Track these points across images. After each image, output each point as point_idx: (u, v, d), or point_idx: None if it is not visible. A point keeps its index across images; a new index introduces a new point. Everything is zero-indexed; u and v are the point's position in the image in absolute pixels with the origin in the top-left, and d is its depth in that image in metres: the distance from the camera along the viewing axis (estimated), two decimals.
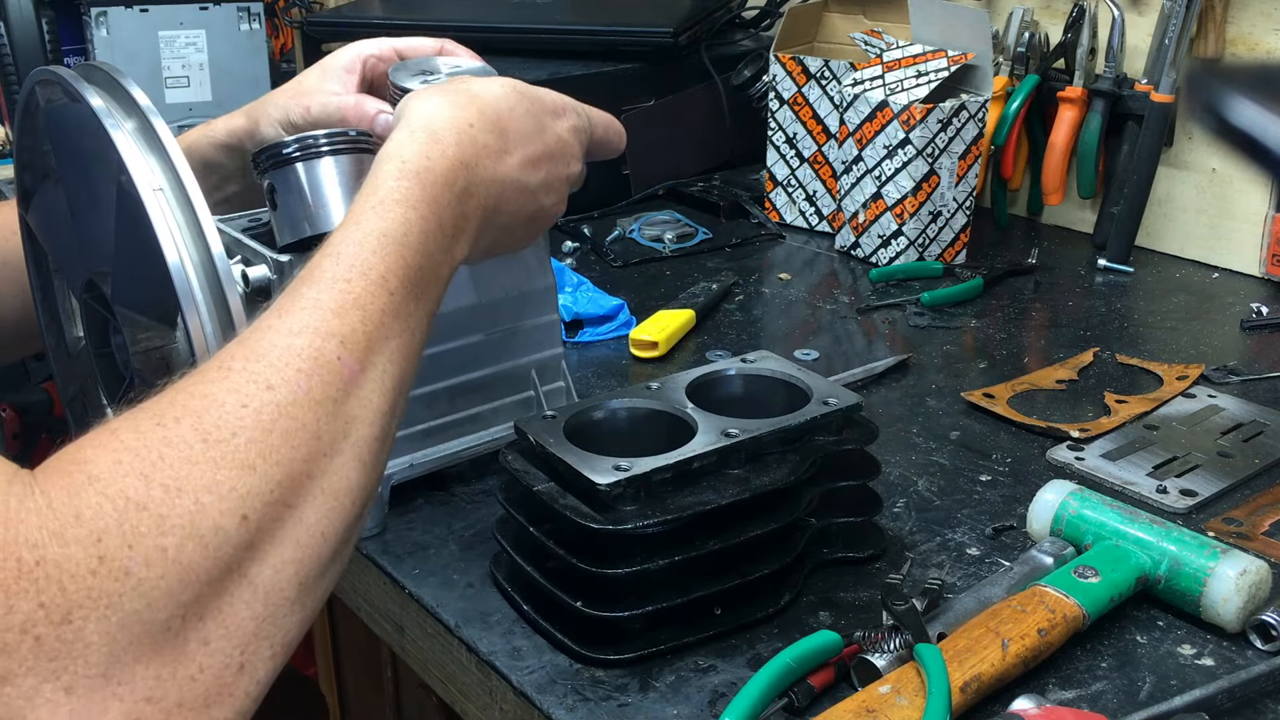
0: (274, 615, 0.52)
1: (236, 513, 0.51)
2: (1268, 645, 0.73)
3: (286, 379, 0.56)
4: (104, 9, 1.69)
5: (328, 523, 0.55)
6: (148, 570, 0.48)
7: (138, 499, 0.49)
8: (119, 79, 0.72)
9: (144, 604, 0.47)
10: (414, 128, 0.70)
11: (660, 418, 0.80)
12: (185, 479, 0.50)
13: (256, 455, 0.53)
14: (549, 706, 0.69)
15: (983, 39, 1.35)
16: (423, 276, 0.64)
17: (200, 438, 0.52)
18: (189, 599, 0.49)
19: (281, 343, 0.57)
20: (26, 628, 0.44)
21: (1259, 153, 1.33)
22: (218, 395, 0.54)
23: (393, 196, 0.65)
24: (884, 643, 0.69)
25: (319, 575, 0.55)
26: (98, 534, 0.47)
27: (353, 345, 0.59)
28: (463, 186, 0.69)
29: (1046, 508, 0.81)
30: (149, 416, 0.53)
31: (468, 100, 0.73)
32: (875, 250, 1.39)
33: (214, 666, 0.50)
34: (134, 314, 0.76)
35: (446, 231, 0.67)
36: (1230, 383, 1.09)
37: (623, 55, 1.59)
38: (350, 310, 0.60)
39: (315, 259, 0.63)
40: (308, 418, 0.55)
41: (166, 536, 0.49)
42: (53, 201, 0.84)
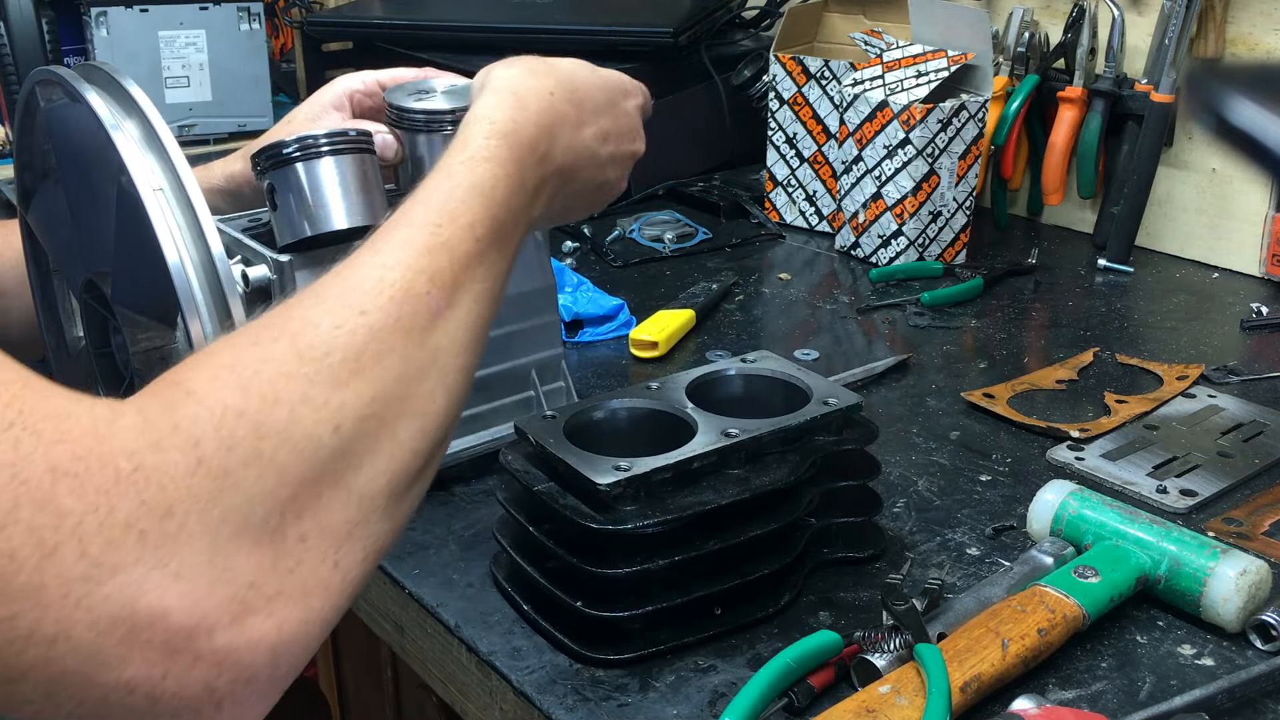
0: (366, 520, 0.55)
1: (330, 423, 0.54)
2: (1268, 645, 0.73)
3: (379, 305, 0.59)
4: (104, 9, 1.69)
5: (417, 441, 0.58)
6: (245, 471, 0.51)
7: (236, 407, 0.52)
8: (119, 79, 0.72)
9: (243, 500, 0.50)
10: (501, 91, 0.73)
11: (660, 418, 0.80)
12: (281, 391, 0.53)
13: (349, 373, 0.56)
14: (549, 706, 0.69)
15: (983, 39, 1.35)
16: (504, 230, 0.68)
17: (296, 355, 0.55)
18: (286, 498, 0.52)
19: (374, 274, 0.60)
20: (130, 523, 0.47)
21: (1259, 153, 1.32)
22: (313, 317, 0.57)
23: (481, 154, 0.68)
24: (884, 643, 0.69)
25: (407, 488, 0.58)
26: (195, 440, 0.50)
27: (440, 283, 0.62)
28: (544, 151, 0.73)
29: (1046, 508, 0.81)
30: (246, 338, 0.56)
31: (547, 69, 0.76)
32: (875, 250, 1.39)
33: (311, 561, 0.53)
34: (134, 314, 0.76)
35: (528, 190, 0.71)
36: (1230, 383, 1.09)
37: (623, 55, 1.59)
38: (439, 251, 0.63)
39: (406, 205, 0.66)
40: (397, 343, 0.59)
41: (264, 441, 0.52)
42: (53, 201, 0.84)
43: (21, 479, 0.45)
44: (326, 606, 0.53)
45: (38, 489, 0.45)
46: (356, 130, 0.82)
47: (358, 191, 0.80)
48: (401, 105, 0.86)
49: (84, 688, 0.47)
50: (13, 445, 0.45)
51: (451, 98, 0.86)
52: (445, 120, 0.85)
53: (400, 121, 0.86)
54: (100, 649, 0.46)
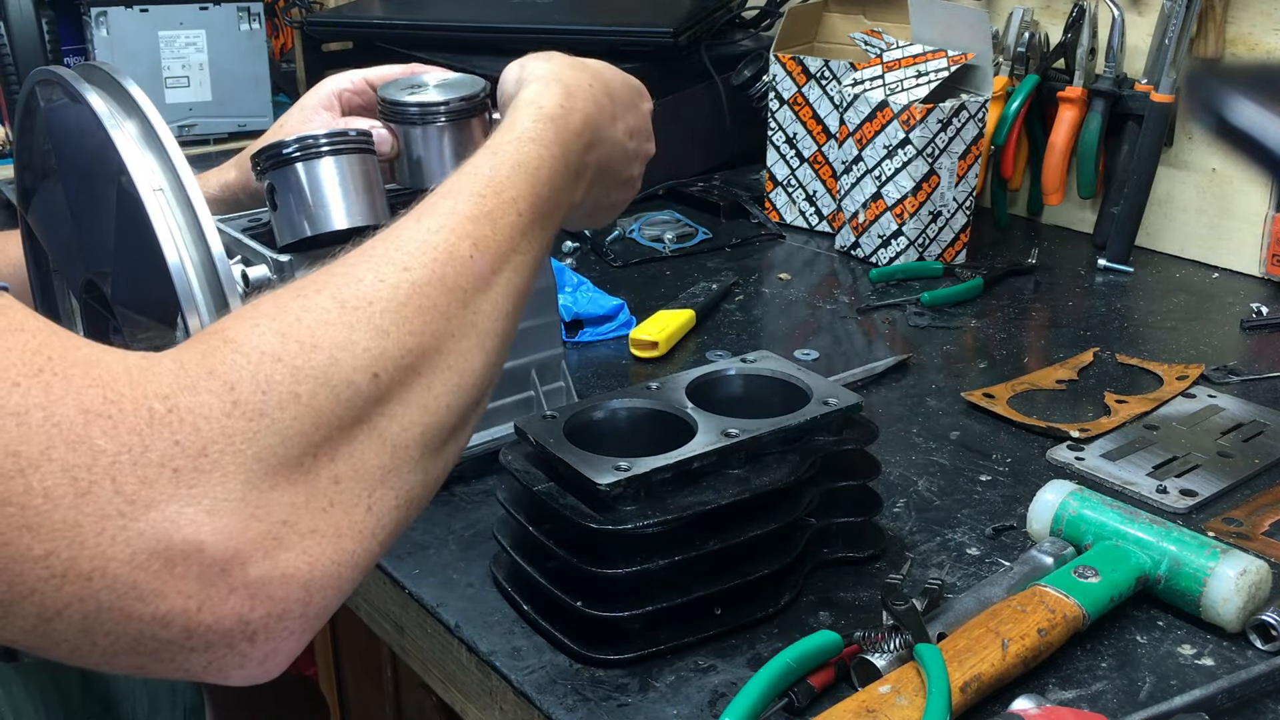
0: (399, 468, 0.56)
1: (369, 370, 0.55)
2: (1268, 645, 0.73)
3: (423, 263, 0.60)
4: (104, 9, 1.69)
5: (453, 396, 0.59)
6: (281, 412, 0.51)
7: (273, 352, 0.53)
8: (119, 79, 0.72)
9: (278, 440, 0.51)
10: (547, 80, 0.75)
11: (660, 418, 0.80)
12: (321, 337, 0.54)
13: (390, 323, 0.57)
14: (549, 706, 0.69)
15: (983, 39, 1.35)
16: (547, 209, 0.69)
17: (338, 304, 0.56)
18: (321, 439, 0.53)
19: (419, 236, 0.62)
20: (164, 462, 0.48)
21: (1259, 153, 1.33)
22: (356, 272, 0.59)
23: (529, 134, 0.70)
24: (884, 643, 0.69)
25: (441, 443, 0.59)
26: (231, 383, 0.51)
27: (484, 249, 0.63)
28: (589, 139, 0.75)
29: (1046, 508, 0.81)
30: (291, 291, 0.57)
31: (582, 65, 0.79)
32: (875, 250, 1.39)
33: (344, 503, 0.54)
34: (134, 314, 0.76)
35: (571, 174, 0.73)
36: (1230, 383, 1.09)
37: (623, 55, 1.58)
38: (483, 220, 0.64)
39: (452, 179, 0.67)
40: (439, 299, 0.60)
41: (301, 385, 0.52)
42: (53, 201, 0.84)
43: (54, 420, 0.46)
44: (359, 550, 0.54)
45: (70, 430, 0.46)
46: (357, 130, 0.82)
47: (358, 191, 0.80)
48: (395, 99, 0.86)
49: (120, 622, 0.47)
50: (43, 388, 0.46)
51: (444, 90, 0.86)
52: (439, 112, 0.85)
53: (394, 115, 0.86)
54: (136, 583, 0.47)
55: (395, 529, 0.57)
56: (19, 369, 0.46)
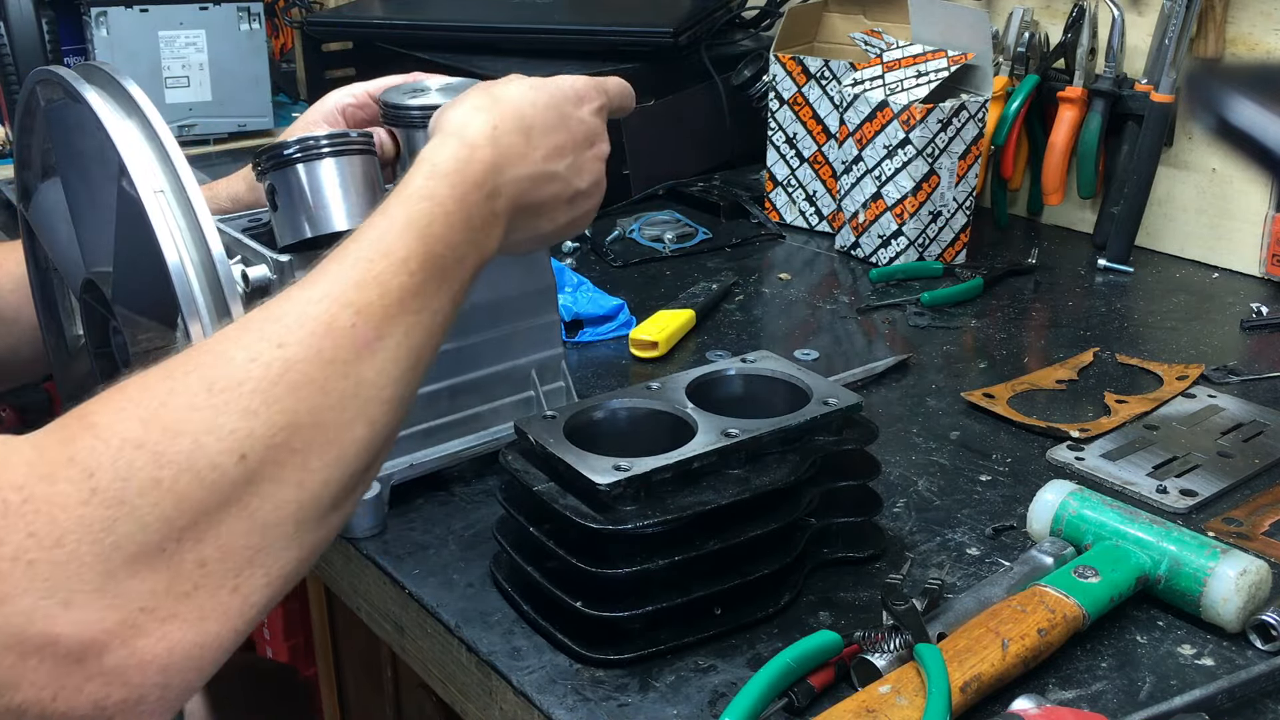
0: (270, 547, 0.56)
1: (235, 452, 0.54)
2: (1268, 645, 0.73)
3: (299, 339, 0.59)
4: (104, 9, 1.69)
5: (332, 471, 0.58)
6: (141, 499, 0.51)
7: (134, 439, 0.52)
8: (119, 79, 0.72)
9: (138, 528, 0.51)
10: (446, 134, 0.73)
11: (660, 418, 0.80)
12: (185, 422, 0.54)
13: (260, 403, 0.56)
14: (549, 706, 0.69)
15: (983, 39, 1.35)
16: (445, 264, 0.67)
17: (205, 387, 0.55)
18: (185, 524, 0.52)
19: (298, 309, 0.61)
20: (18, 555, 0.48)
21: (1259, 153, 1.33)
22: (229, 351, 0.57)
23: (420, 192, 0.69)
24: (884, 643, 0.69)
25: (319, 519, 0.58)
26: (90, 471, 0.50)
27: (369, 315, 0.62)
28: (492, 187, 0.73)
29: (1046, 508, 0.81)
30: (159, 372, 0.56)
31: (491, 103, 0.76)
32: (875, 250, 1.39)
33: (209, 586, 0.53)
34: (134, 314, 0.76)
35: (475, 226, 0.71)
36: (1230, 383, 1.09)
37: (623, 55, 1.59)
38: (370, 285, 0.63)
39: (342, 244, 0.66)
40: (316, 374, 0.58)
41: (163, 470, 0.52)
42: (53, 201, 0.84)
43: None
44: (224, 630, 0.54)
45: None
46: (358, 132, 0.82)
47: (359, 193, 0.81)
48: (397, 103, 0.86)
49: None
50: None
51: (446, 94, 0.86)
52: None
53: (397, 119, 0.87)
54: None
55: (265, 605, 0.56)
56: None
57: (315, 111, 0.96)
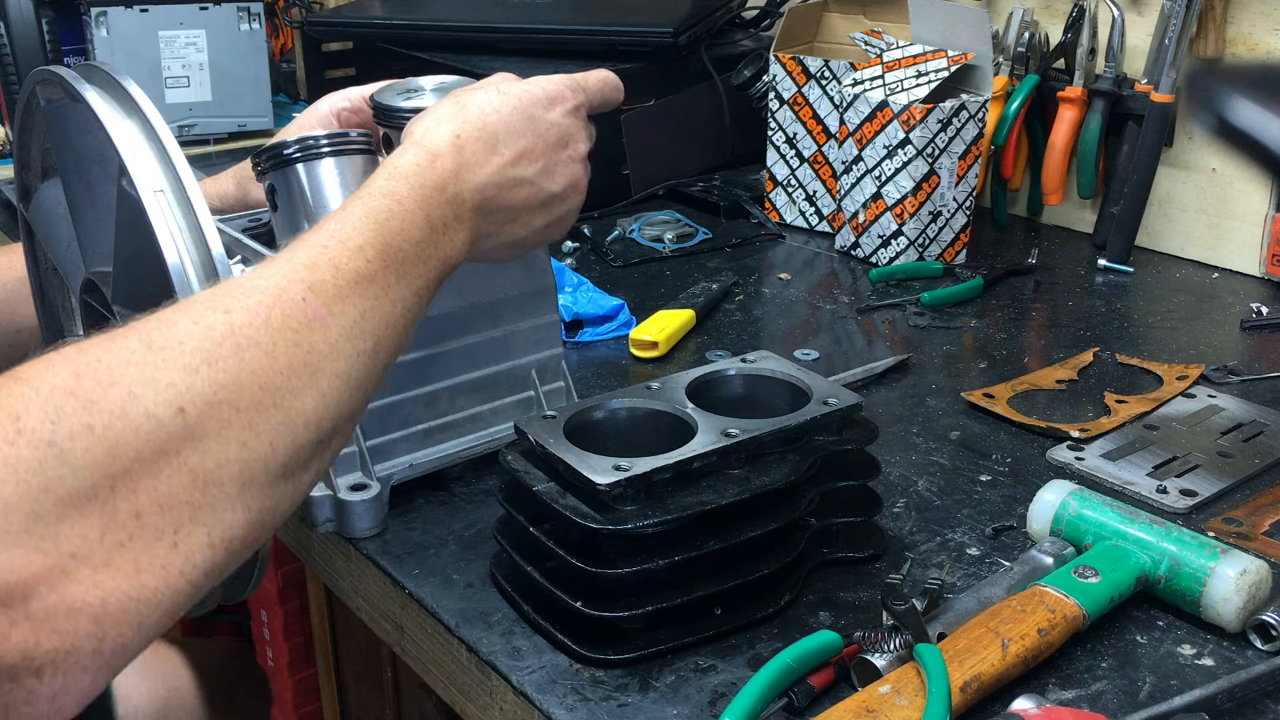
0: (212, 505, 0.55)
1: (173, 405, 0.54)
2: (1268, 645, 0.73)
3: (246, 307, 0.59)
4: (104, 9, 1.69)
5: (277, 435, 0.58)
6: (72, 443, 0.50)
7: (65, 387, 0.51)
8: (119, 79, 0.72)
9: (68, 471, 0.50)
10: (408, 144, 0.74)
11: (660, 418, 0.80)
12: (120, 375, 0.53)
13: (201, 361, 0.55)
14: (549, 706, 0.69)
15: (983, 39, 1.35)
16: (405, 257, 0.68)
17: (145, 345, 0.55)
18: (118, 471, 0.51)
19: (249, 283, 0.61)
20: None
21: (1259, 153, 1.33)
22: (172, 316, 0.57)
23: (379, 191, 0.70)
24: (884, 643, 0.69)
25: (266, 484, 0.57)
26: (16, 414, 0.50)
27: (320, 291, 0.62)
28: (454, 192, 0.73)
29: (1046, 508, 0.81)
30: (99, 338, 0.55)
31: (456, 111, 0.77)
32: (875, 250, 1.39)
33: (145, 537, 0.52)
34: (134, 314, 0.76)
35: (435, 226, 0.71)
36: (1230, 383, 1.09)
37: (623, 55, 1.59)
38: (323, 266, 0.63)
39: (299, 236, 0.67)
40: (263, 339, 0.58)
41: (94, 416, 0.51)
42: (52, 200, 0.84)
43: None
44: (162, 587, 0.53)
45: None
46: (358, 132, 0.82)
47: None
48: (388, 104, 0.86)
49: None
50: None
51: (440, 94, 0.86)
52: None
53: (388, 119, 0.86)
54: None
55: (210, 569, 0.55)
56: None
57: (310, 115, 0.96)
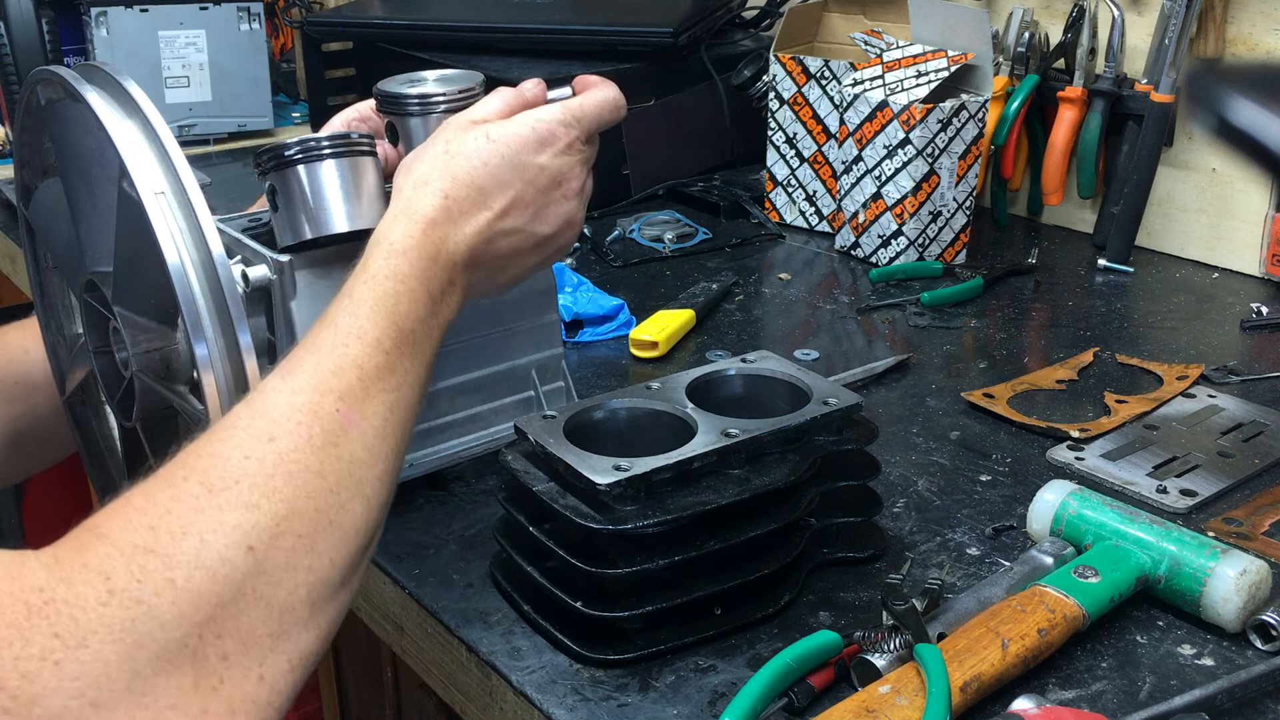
0: (288, 632, 0.57)
1: (242, 545, 0.56)
2: (1268, 645, 0.73)
3: (287, 430, 0.61)
4: (104, 9, 1.69)
5: (336, 551, 0.60)
6: (158, 599, 0.52)
7: (145, 545, 0.54)
8: (119, 79, 0.72)
9: (157, 626, 0.52)
10: (396, 212, 0.75)
11: (660, 418, 0.80)
12: (190, 524, 0.56)
13: (260, 496, 0.58)
14: (549, 706, 0.69)
15: (983, 39, 1.35)
16: (414, 337, 0.70)
17: (205, 489, 0.57)
18: (203, 619, 0.54)
19: (283, 401, 0.63)
20: (45, 655, 0.49)
21: (1259, 153, 1.33)
22: (222, 452, 0.59)
23: (382, 273, 0.71)
24: (884, 643, 0.69)
25: (330, 597, 0.60)
26: (106, 574, 0.52)
27: (350, 398, 0.64)
28: (446, 256, 0.74)
29: (1046, 508, 0.81)
30: (160, 481, 0.58)
31: (444, 167, 0.77)
32: (875, 250, 1.39)
33: (234, 678, 0.54)
34: (134, 315, 0.76)
35: (434, 296, 0.73)
36: (1230, 383, 1.09)
37: (623, 55, 1.59)
38: (348, 370, 0.65)
39: (314, 330, 0.68)
40: (310, 460, 0.61)
41: (174, 570, 0.54)
42: (53, 200, 0.84)
43: None
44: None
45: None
46: (359, 133, 0.82)
47: (360, 195, 0.80)
48: (394, 91, 0.85)
49: None
50: None
51: (443, 83, 0.86)
52: (438, 102, 0.84)
53: (393, 108, 0.85)
54: None
55: (292, 690, 0.57)
56: None
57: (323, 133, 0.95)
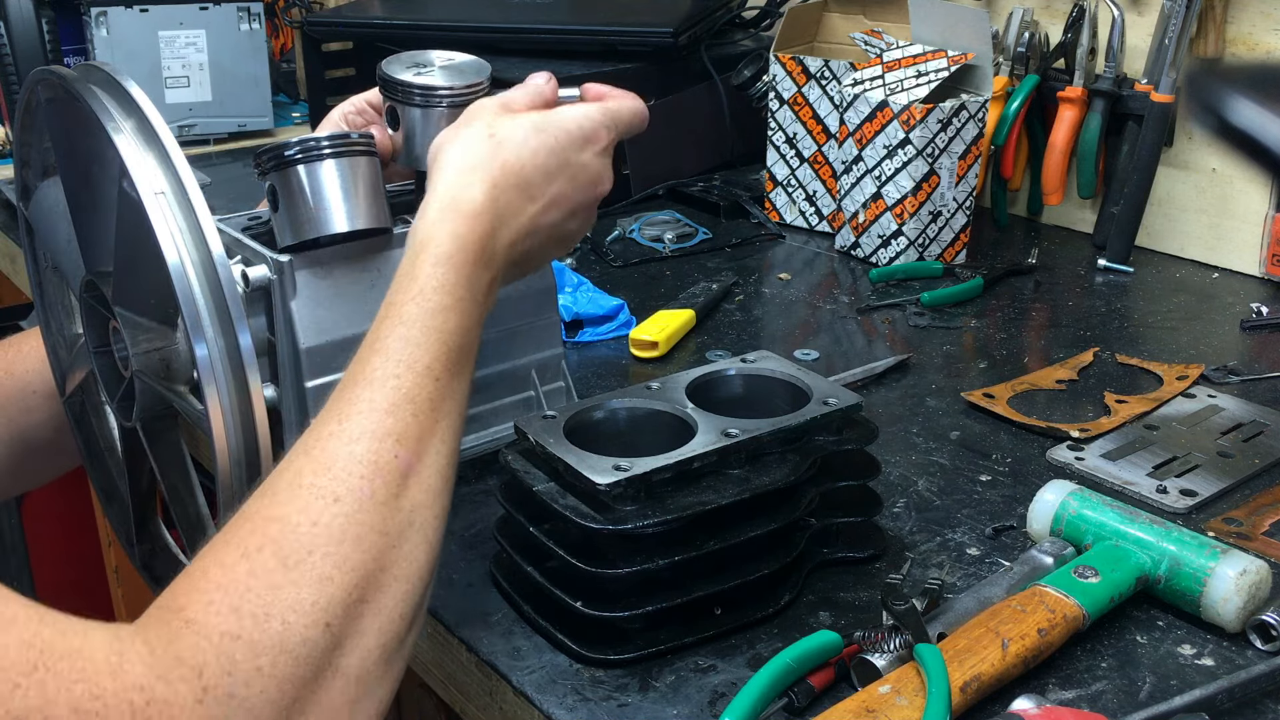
0: (367, 692, 0.59)
1: (320, 623, 0.58)
2: (1268, 645, 0.73)
3: (351, 488, 0.61)
4: (104, 9, 1.69)
5: (404, 605, 0.62)
6: (248, 689, 0.54)
7: (231, 631, 0.55)
8: (119, 79, 0.72)
9: (249, 716, 0.54)
10: (443, 206, 0.72)
11: (660, 418, 0.80)
12: (271, 604, 0.57)
13: (332, 567, 0.59)
14: (549, 706, 0.69)
15: (983, 39, 1.35)
16: (463, 354, 0.70)
17: (280, 563, 0.58)
18: (288, 703, 0.56)
19: (343, 451, 0.63)
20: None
21: (1259, 153, 1.33)
22: (291, 517, 0.60)
23: (430, 285, 0.69)
24: (884, 643, 0.69)
25: (399, 648, 0.62)
26: (198, 669, 0.54)
27: (407, 440, 0.64)
28: (489, 255, 0.73)
29: (1046, 508, 0.81)
30: (234, 550, 0.59)
31: (491, 155, 0.74)
32: (875, 250, 1.39)
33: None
34: (134, 315, 0.76)
35: (479, 302, 0.72)
36: (1230, 383, 1.09)
37: (623, 55, 1.59)
38: (402, 406, 0.65)
39: (364, 355, 0.67)
40: (374, 519, 0.61)
41: (261, 658, 0.55)
42: (53, 200, 0.84)
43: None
44: None
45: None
46: (359, 133, 0.82)
47: (360, 194, 0.80)
48: (399, 77, 0.84)
49: None
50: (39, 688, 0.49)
51: (449, 74, 0.85)
52: (441, 96, 0.84)
53: (394, 92, 0.85)
54: None
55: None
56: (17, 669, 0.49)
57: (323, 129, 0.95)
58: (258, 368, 0.70)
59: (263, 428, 0.70)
